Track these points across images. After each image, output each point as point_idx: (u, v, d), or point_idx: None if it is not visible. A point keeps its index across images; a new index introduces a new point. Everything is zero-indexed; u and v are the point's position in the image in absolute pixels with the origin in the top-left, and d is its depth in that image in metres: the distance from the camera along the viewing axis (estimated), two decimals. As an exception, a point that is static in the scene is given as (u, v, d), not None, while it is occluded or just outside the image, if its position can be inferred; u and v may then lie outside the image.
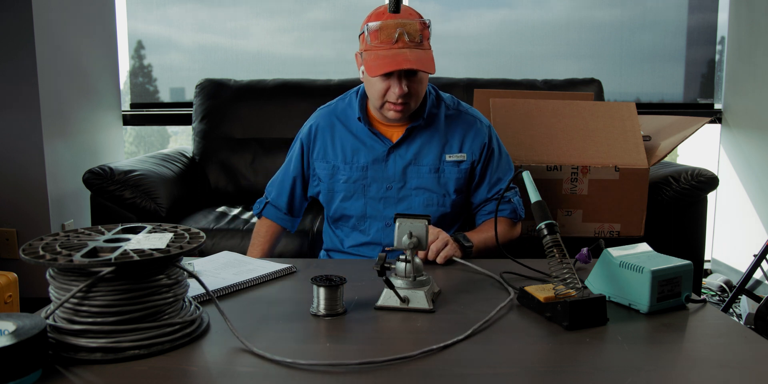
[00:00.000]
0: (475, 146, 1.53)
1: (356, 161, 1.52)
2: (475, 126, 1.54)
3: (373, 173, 1.52)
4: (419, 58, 1.34)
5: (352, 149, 1.53)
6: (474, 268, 1.26)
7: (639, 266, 1.02)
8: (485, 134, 1.54)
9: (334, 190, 1.55)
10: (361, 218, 1.54)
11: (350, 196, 1.54)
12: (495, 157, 1.55)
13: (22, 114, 2.42)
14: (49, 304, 0.89)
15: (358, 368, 0.81)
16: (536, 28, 3.20)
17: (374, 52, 1.37)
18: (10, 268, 2.16)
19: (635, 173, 1.92)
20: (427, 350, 0.85)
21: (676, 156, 3.50)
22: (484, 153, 1.53)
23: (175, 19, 3.17)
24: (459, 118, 1.54)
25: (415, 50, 1.35)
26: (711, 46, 3.19)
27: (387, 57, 1.34)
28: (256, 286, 1.17)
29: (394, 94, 1.40)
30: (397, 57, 1.34)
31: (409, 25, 1.34)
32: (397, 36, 1.34)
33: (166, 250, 0.87)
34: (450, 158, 1.51)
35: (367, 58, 1.38)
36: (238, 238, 2.19)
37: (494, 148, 1.56)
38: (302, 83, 2.85)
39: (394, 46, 1.35)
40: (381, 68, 1.34)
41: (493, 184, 1.55)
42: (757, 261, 2.26)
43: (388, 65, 1.33)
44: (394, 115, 1.44)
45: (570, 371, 0.83)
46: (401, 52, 1.34)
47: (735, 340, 0.93)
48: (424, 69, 1.34)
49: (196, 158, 2.81)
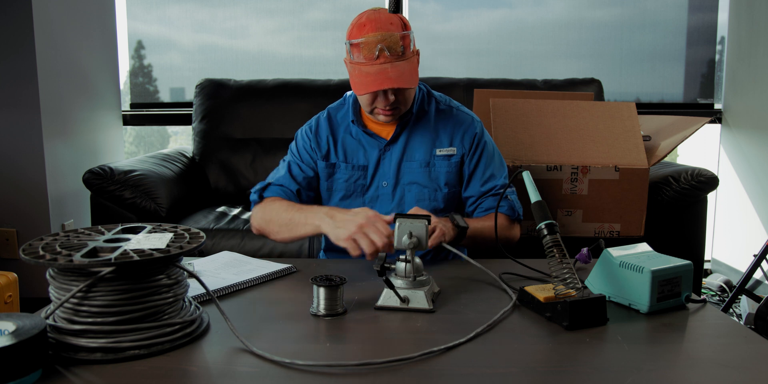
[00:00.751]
0: (465, 140, 1.54)
1: (356, 161, 1.54)
2: (465, 121, 1.56)
3: (371, 173, 1.54)
4: (401, 74, 1.37)
5: (351, 149, 1.55)
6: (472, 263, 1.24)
7: (639, 266, 1.02)
8: (475, 129, 1.56)
9: (333, 189, 1.56)
10: None
11: (349, 195, 1.55)
12: (487, 152, 1.56)
13: (22, 114, 2.42)
14: (49, 304, 0.89)
15: (357, 370, 0.81)
16: (536, 27, 3.20)
17: (357, 68, 1.40)
18: (10, 268, 2.16)
19: (635, 173, 1.92)
20: (427, 352, 0.85)
21: (676, 156, 3.50)
22: (474, 146, 1.54)
23: (175, 19, 3.17)
24: (449, 113, 1.56)
25: (397, 63, 1.37)
26: (711, 46, 3.19)
27: (370, 74, 1.37)
28: (256, 286, 1.17)
29: (381, 104, 1.44)
30: (380, 75, 1.36)
31: (389, 39, 1.36)
32: (378, 52, 1.36)
33: (166, 250, 0.87)
34: (440, 152, 1.53)
35: (352, 72, 1.42)
36: (238, 238, 2.19)
37: (486, 142, 1.57)
38: (302, 83, 2.86)
39: (376, 62, 1.37)
40: (364, 87, 1.37)
41: (486, 180, 1.55)
42: (757, 261, 2.26)
43: (371, 84, 1.36)
44: (384, 119, 1.48)
45: (570, 371, 0.83)
46: (383, 69, 1.36)
47: (735, 340, 0.93)
48: (404, 85, 1.37)
49: (196, 158, 2.81)
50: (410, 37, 1.40)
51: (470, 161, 1.55)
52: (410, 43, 1.41)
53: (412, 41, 1.41)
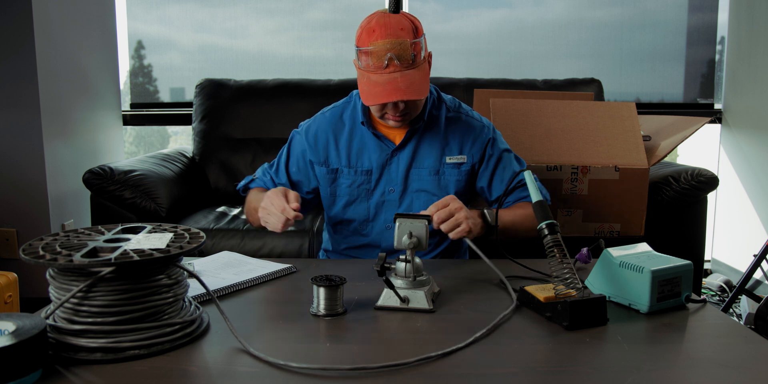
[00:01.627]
0: (475, 149, 1.51)
1: (360, 165, 1.50)
2: (475, 128, 1.52)
3: (376, 177, 1.51)
4: (410, 84, 1.32)
5: (356, 152, 1.51)
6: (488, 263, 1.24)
7: (639, 266, 1.02)
8: (486, 136, 1.52)
9: (336, 194, 1.53)
10: (363, 222, 1.52)
11: (353, 200, 1.52)
12: (503, 155, 1.53)
13: (22, 114, 2.42)
14: (49, 304, 0.89)
15: (353, 373, 0.81)
16: (536, 27, 3.20)
17: (366, 76, 1.35)
18: (10, 268, 2.16)
19: (635, 173, 1.92)
20: (424, 357, 0.84)
21: (676, 156, 3.50)
22: (486, 154, 1.51)
23: (175, 19, 3.17)
24: (459, 120, 1.53)
25: (407, 72, 1.33)
26: (711, 46, 3.19)
27: (379, 84, 1.33)
28: (256, 286, 1.17)
29: (391, 112, 1.40)
30: (388, 85, 1.32)
31: (399, 47, 1.31)
32: (387, 61, 1.31)
33: (166, 250, 0.87)
34: (450, 160, 1.50)
35: (360, 79, 1.38)
36: (238, 238, 2.19)
37: (499, 147, 1.53)
38: (302, 83, 2.85)
39: (385, 71, 1.32)
40: (373, 98, 1.34)
41: (510, 178, 1.52)
42: (757, 261, 2.26)
43: (380, 96, 1.32)
44: (394, 124, 1.44)
45: (570, 371, 0.83)
46: (392, 78, 1.32)
47: (735, 340, 0.93)
48: (414, 97, 1.33)
49: (196, 158, 2.81)
50: (421, 44, 1.35)
51: (485, 168, 1.52)
52: (421, 50, 1.35)
53: (423, 48, 1.36)
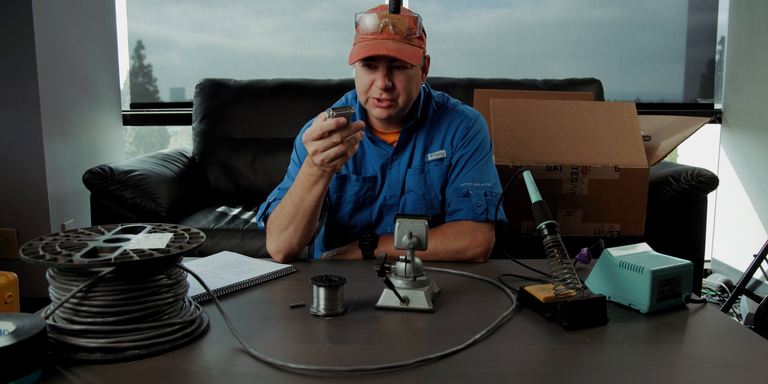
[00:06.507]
0: (456, 139, 1.45)
1: (365, 171, 1.47)
2: (457, 120, 1.46)
3: (380, 183, 1.47)
4: (400, 49, 1.30)
5: (359, 158, 1.48)
6: (470, 275, 1.26)
7: (639, 266, 1.02)
8: (466, 127, 1.45)
9: (342, 201, 1.49)
10: (366, 228, 1.51)
11: (358, 207, 1.49)
12: (479, 152, 1.44)
13: (22, 114, 2.42)
14: (49, 304, 0.89)
15: (352, 374, 0.81)
16: (536, 27, 3.20)
17: (358, 39, 1.35)
18: (10, 268, 2.16)
19: (635, 173, 1.92)
20: (422, 359, 0.83)
21: (676, 156, 3.50)
22: (463, 143, 1.44)
23: (175, 19, 3.17)
24: (444, 114, 1.48)
25: (399, 42, 1.31)
26: (711, 46, 3.19)
27: (368, 45, 1.31)
28: (256, 286, 1.17)
29: (377, 87, 1.35)
30: (378, 45, 1.30)
31: (399, 20, 1.31)
32: (382, 26, 1.30)
33: (166, 250, 0.87)
34: (432, 157, 1.45)
35: (353, 47, 1.36)
36: (238, 238, 2.19)
37: (481, 140, 1.45)
38: (302, 83, 2.85)
39: (379, 37, 1.31)
40: (359, 55, 1.31)
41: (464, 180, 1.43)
42: (757, 261, 2.26)
43: (366, 52, 1.30)
44: (378, 112, 1.38)
45: (570, 371, 0.83)
46: (383, 42, 1.31)
47: (735, 340, 0.93)
48: (401, 57, 1.29)
49: (196, 158, 2.81)
50: (421, 30, 1.35)
51: (458, 161, 1.44)
52: (419, 33, 1.34)
53: (421, 33, 1.36)
